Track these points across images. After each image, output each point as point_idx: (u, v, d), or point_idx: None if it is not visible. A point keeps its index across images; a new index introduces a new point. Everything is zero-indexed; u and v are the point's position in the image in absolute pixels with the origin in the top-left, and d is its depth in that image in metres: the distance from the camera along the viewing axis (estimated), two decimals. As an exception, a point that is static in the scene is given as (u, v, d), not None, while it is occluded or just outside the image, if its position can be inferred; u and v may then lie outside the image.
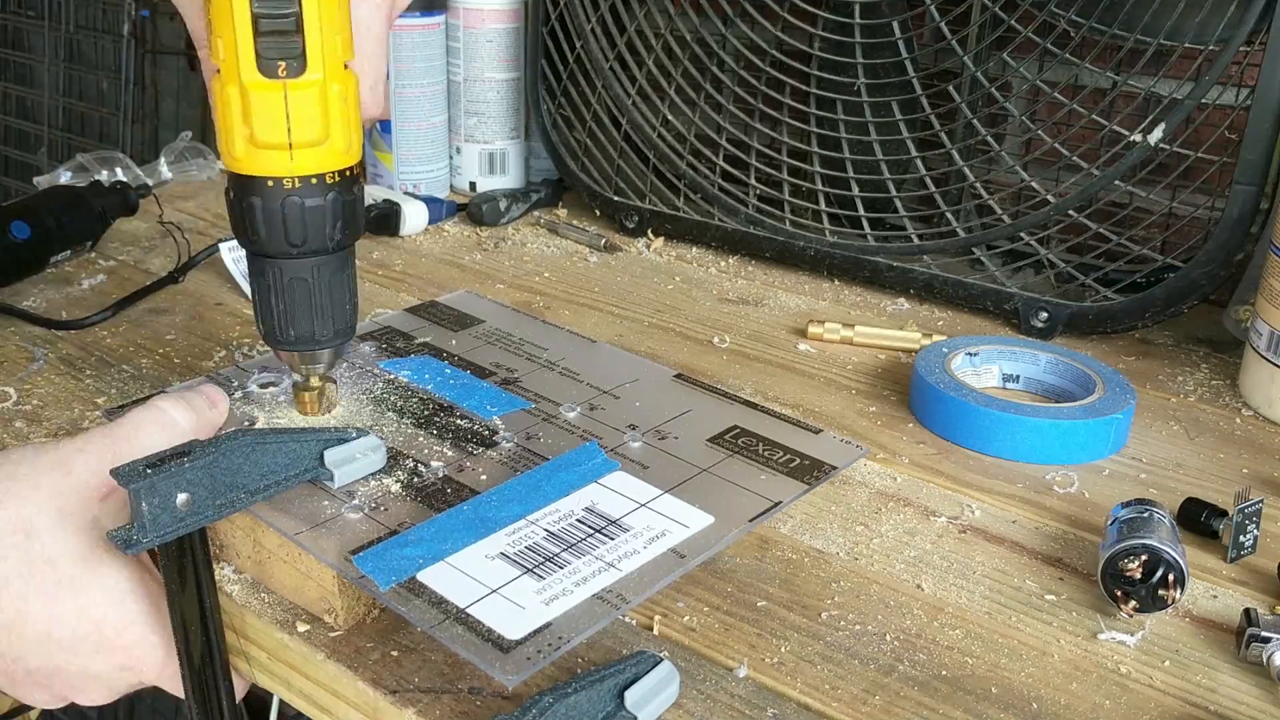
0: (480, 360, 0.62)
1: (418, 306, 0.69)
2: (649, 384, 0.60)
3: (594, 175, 0.93)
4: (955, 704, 0.42)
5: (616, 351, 0.65)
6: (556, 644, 0.40)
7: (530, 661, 0.39)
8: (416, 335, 0.65)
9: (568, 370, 0.61)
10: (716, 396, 0.59)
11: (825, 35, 0.79)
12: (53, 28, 2.05)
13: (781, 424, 0.56)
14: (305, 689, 0.45)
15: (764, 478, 0.51)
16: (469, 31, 0.96)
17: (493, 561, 0.44)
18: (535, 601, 0.42)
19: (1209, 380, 0.70)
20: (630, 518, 0.48)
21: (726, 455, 0.53)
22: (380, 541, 0.45)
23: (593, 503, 0.49)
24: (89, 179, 0.88)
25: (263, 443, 0.46)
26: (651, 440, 0.54)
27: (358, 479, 0.49)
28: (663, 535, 0.47)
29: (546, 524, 0.47)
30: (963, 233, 0.77)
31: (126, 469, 0.42)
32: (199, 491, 0.43)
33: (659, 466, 0.52)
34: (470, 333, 0.66)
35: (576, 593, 0.43)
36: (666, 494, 0.50)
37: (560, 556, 0.45)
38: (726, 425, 0.56)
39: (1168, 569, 0.45)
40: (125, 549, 0.41)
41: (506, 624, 0.41)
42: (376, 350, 0.62)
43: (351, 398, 0.56)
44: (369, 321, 0.66)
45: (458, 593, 0.42)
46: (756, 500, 0.50)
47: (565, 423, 0.55)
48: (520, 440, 0.53)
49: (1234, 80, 0.67)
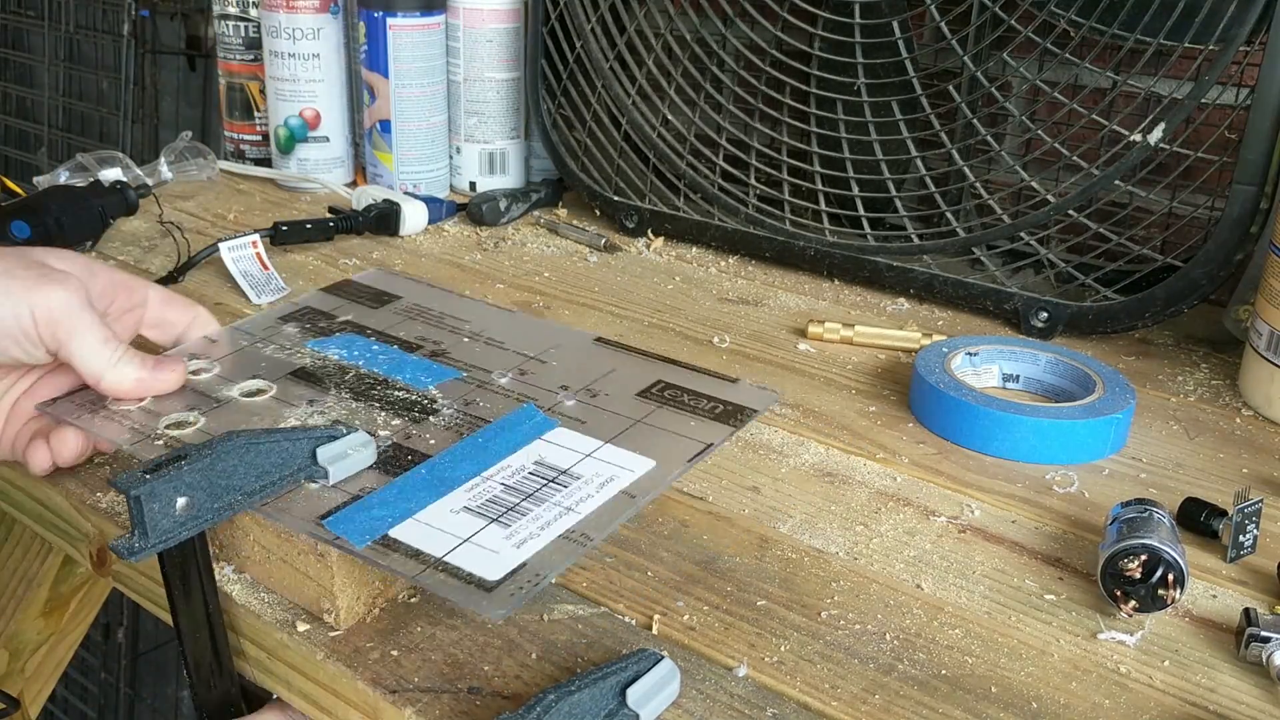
0: (405, 335, 0.64)
1: (333, 286, 0.70)
2: (572, 348, 0.63)
3: (594, 175, 0.93)
4: (955, 703, 0.42)
5: (535, 320, 0.70)
6: (535, 580, 0.43)
7: (514, 598, 0.41)
8: (337, 314, 0.66)
9: (492, 340, 0.64)
10: (637, 355, 0.62)
11: (825, 35, 0.79)
12: (53, 28, 2.04)
13: (701, 376, 0.60)
14: (305, 689, 0.45)
15: (693, 424, 0.55)
16: (469, 31, 0.96)
17: (458, 515, 0.47)
18: (506, 546, 0.45)
19: (1209, 380, 0.70)
20: (578, 467, 0.51)
21: (656, 406, 0.57)
22: (346, 506, 0.46)
23: (541, 456, 0.51)
24: (89, 179, 0.88)
25: (256, 443, 0.46)
26: (584, 398, 0.57)
27: (350, 475, 0.49)
28: (611, 480, 0.50)
29: (501, 479, 0.49)
30: (963, 233, 0.77)
31: (126, 476, 0.42)
32: (198, 495, 0.43)
33: (595, 420, 0.55)
34: (390, 309, 0.68)
35: (543, 535, 0.45)
36: (607, 444, 0.53)
37: (521, 505, 0.47)
38: (652, 380, 0.59)
39: (1167, 569, 0.45)
40: (129, 558, 0.41)
41: (484, 567, 0.43)
42: (301, 331, 0.64)
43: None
44: (288, 304, 0.67)
45: (432, 545, 0.44)
46: (690, 443, 0.53)
47: (499, 388, 0.58)
48: (460, 407, 0.56)
49: (1234, 80, 0.67)
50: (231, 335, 0.62)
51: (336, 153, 1.01)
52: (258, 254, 0.79)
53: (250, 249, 0.79)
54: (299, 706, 0.46)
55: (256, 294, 0.75)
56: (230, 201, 0.97)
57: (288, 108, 0.99)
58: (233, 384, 0.56)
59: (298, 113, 0.99)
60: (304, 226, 0.86)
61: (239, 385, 0.56)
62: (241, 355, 0.60)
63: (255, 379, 0.57)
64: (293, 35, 0.96)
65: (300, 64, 0.97)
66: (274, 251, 0.83)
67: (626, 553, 0.50)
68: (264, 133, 1.03)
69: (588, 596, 0.47)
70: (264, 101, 1.02)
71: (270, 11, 0.96)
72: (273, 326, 0.64)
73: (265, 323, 0.64)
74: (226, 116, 1.05)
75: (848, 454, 0.59)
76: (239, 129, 1.04)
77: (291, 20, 0.96)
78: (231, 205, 0.96)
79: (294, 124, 0.99)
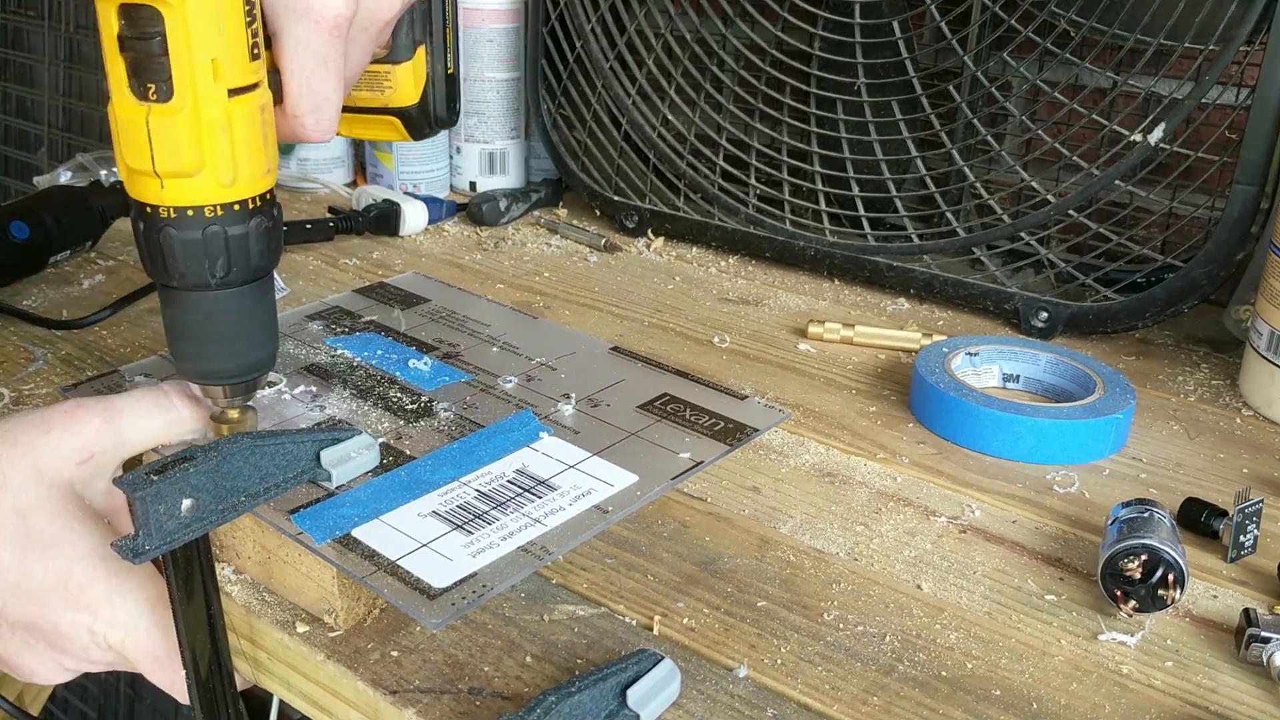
0: (424, 336, 0.65)
1: (366, 288, 0.71)
2: (586, 356, 0.64)
3: (594, 175, 0.93)
4: (955, 704, 0.42)
5: (556, 326, 0.70)
6: (481, 591, 0.43)
7: (455, 607, 0.42)
8: (363, 314, 0.68)
9: (508, 345, 0.65)
10: (650, 367, 0.63)
11: (825, 35, 0.79)
12: (53, 28, 2.04)
13: (710, 391, 0.60)
14: (305, 689, 0.45)
15: (688, 440, 0.55)
16: (469, 31, 0.96)
17: (424, 519, 0.47)
18: (463, 554, 0.45)
19: (1209, 380, 0.70)
20: (558, 478, 0.51)
21: (655, 420, 0.57)
22: (318, 502, 0.47)
23: (524, 465, 0.52)
24: (89, 179, 0.88)
25: (260, 445, 0.46)
26: (584, 408, 0.57)
27: (354, 477, 0.50)
28: (588, 493, 0.50)
29: (478, 485, 0.50)
30: (963, 233, 0.77)
31: (131, 477, 0.42)
32: (203, 496, 0.43)
33: (589, 431, 0.55)
34: (416, 311, 0.69)
35: (502, 546, 0.46)
36: (595, 456, 0.53)
37: (489, 514, 0.48)
38: (657, 393, 0.59)
39: (1167, 569, 0.45)
40: (132, 558, 0.41)
41: (434, 574, 0.44)
42: (324, 328, 0.65)
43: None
44: (318, 302, 0.67)
45: (389, 547, 0.45)
46: (679, 461, 0.53)
47: (502, 393, 0.58)
48: (458, 410, 0.56)
49: (1234, 80, 0.67)
50: None
51: (336, 153, 1.01)
52: (258, 254, 0.79)
53: (250, 249, 0.79)
54: (299, 707, 0.46)
55: (256, 294, 0.75)
56: (230, 201, 0.97)
57: (288, 108, 0.99)
58: None
59: (298, 113, 0.99)
60: (304, 227, 0.86)
61: None
62: None
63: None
64: (293, 35, 0.96)
65: (300, 64, 0.97)
66: (274, 252, 0.83)
67: (627, 553, 0.50)
68: (264, 133, 1.03)
69: (588, 597, 0.47)
70: (264, 101, 1.01)
71: (270, 11, 0.96)
72: (299, 324, 0.65)
73: (293, 319, 0.65)
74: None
75: (848, 454, 0.59)
76: (239, 129, 1.04)
77: (291, 20, 0.95)
78: (231, 205, 0.96)
79: (294, 124, 0.99)
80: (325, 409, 0.55)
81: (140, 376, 0.59)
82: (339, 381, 0.58)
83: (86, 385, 0.57)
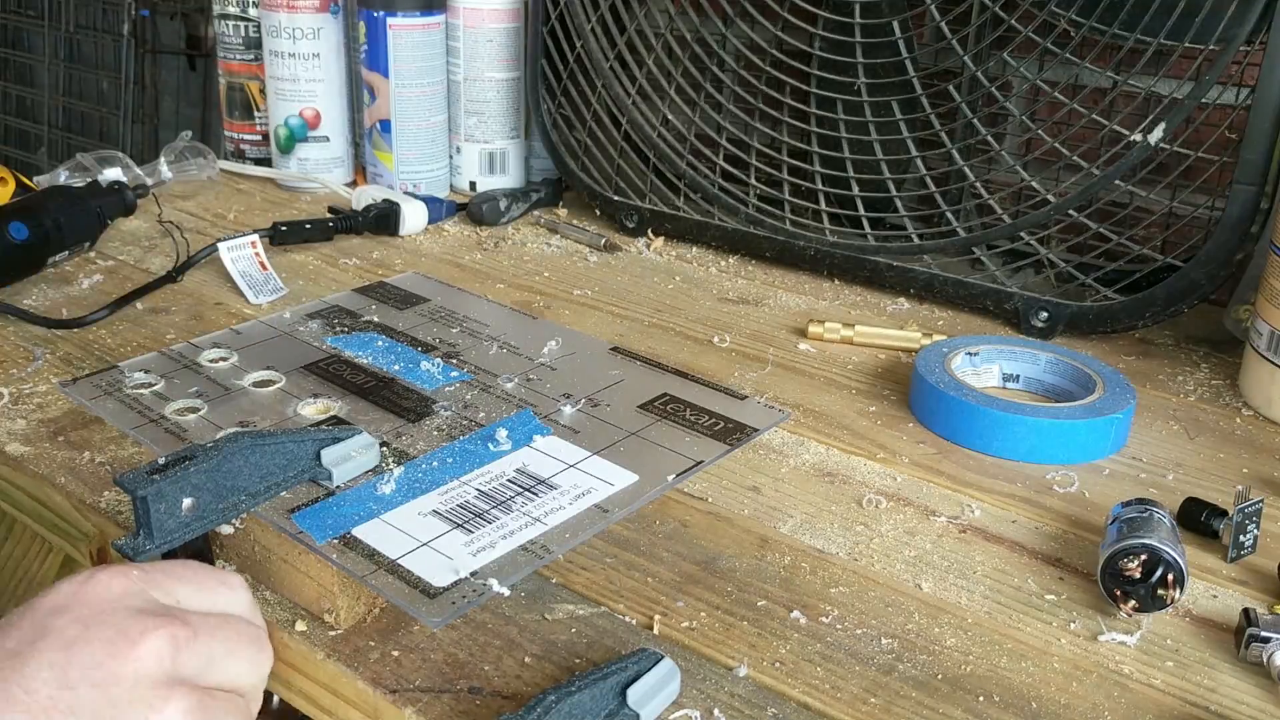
0: (424, 336, 0.65)
1: (365, 287, 0.71)
2: (586, 356, 0.64)
3: (594, 175, 0.93)
4: (955, 704, 0.42)
5: (556, 327, 0.70)
6: (481, 590, 0.43)
7: (455, 606, 0.42)
8: (363, 314, 0.68)
9: (508, 345, 0.65)
10: (650, 367, 0.63)
11: (825, 35, 0.79)
12: (53, 27, 2.05)
13: (710, 391, 0.60)
14: (305, 689, 0.45)
15: (688, 439, 0.55)
16: (469, 31, 0.96)
17: (425, 518, 0.47)
18: (463, 553, 0.45)
19: (1209, 380, 0.70)
20: (558, 478, 0.51)
21: (655, 420, 0.57)
22: (318, 502, 0.47)
23: (524, 464, 0.52)
24: (88, 179, 0.88)
25: (261, 444, 0.46)
26: (584, 408, 0.58)
27: (354, 476, 0.50)
28: (588, 493, 0.50)
29: (478, 484, 0.50)
30: (963, 232, 0.77)
31: (132, 476, 0.42)
32: (204, 496, 0.43)
33: (589, 431, 0.55)
34: (416, 310, 0.69)
35: (502, 545, 0.46)
36: (595, 455, 0.53)
37: (490, 513, 0.48)
38: (657, 393, 0.59)
39: (1167, 569, 0.45)
40: (134, 558, 0.41)
41: (434, 573, 0.44)
42: (324, 328, 0.65)
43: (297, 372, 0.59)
44: (318, 301, 0.67)
45: (390, 546, 0.45)
46: (679, 460, 0.53)
47: (502, 393, 0.59)
48: (458, 410, 0.57)
49: (1234, 80, 0.67)
50: (257, 328, 0.63)
51: (336, 152, 1.01)
52: (256, 254, 0.79)
53: (249, 249, 0.79)
54: (299, 706, 0.46)
55: (255, 294, 0.75)
56: (230, 201, 0.97)
57: (288, 107, 0.99)
58: (246, 373, 0.57)
59: (298, 112, 0.99)
60: (303, 226, 0.86)
61: (251, 375, 0.57)
62: (262, 347, 0.61)
63: (268, 370, 0.58)
64: (293, 35, 0.96)
65: (300, 64, 0.97)
66: (274, 251, 0.83)
67: (627, 553, 0.50)
68: (264, 132, 1.03)
69: (588, 596, 0.47)
70: (264, 101, 1.02)
71: (270, 11, 0.96)
72: (299, 322, 0.65)
73: (293, 319, 0.65)
74: (226, 116, 1.05)
75: (848, 454, 0.59)
76: (239, 129, 1.04)
77: (291, 20, 0.95)
78: (231, 205, 0.96)
79: (294, 124, 0.99)
80: (325, 408, 0.55)
81: (140, 374, 0.59)
82: (339, 381, 0.58)
83: (85, 381, 0.57)
